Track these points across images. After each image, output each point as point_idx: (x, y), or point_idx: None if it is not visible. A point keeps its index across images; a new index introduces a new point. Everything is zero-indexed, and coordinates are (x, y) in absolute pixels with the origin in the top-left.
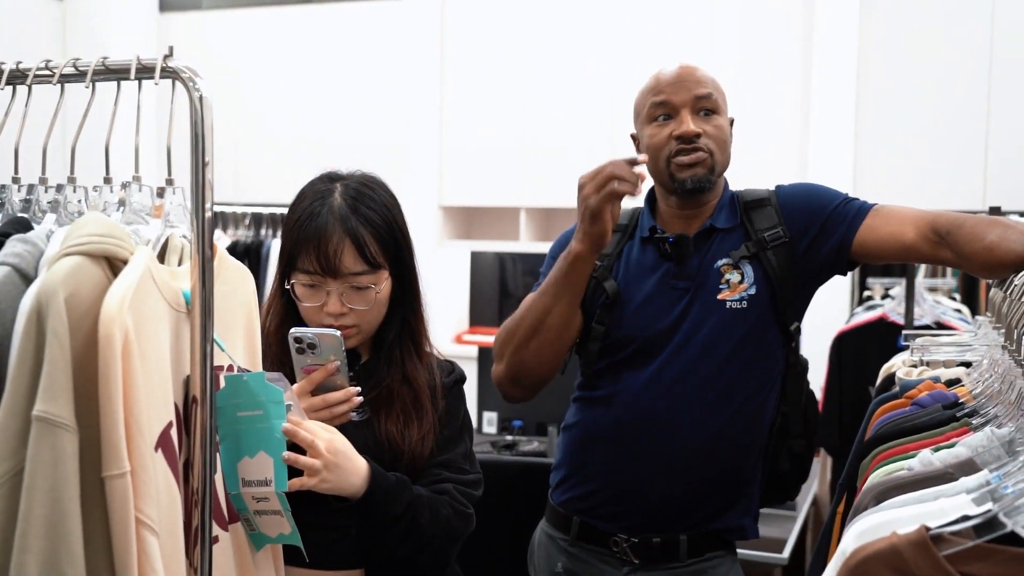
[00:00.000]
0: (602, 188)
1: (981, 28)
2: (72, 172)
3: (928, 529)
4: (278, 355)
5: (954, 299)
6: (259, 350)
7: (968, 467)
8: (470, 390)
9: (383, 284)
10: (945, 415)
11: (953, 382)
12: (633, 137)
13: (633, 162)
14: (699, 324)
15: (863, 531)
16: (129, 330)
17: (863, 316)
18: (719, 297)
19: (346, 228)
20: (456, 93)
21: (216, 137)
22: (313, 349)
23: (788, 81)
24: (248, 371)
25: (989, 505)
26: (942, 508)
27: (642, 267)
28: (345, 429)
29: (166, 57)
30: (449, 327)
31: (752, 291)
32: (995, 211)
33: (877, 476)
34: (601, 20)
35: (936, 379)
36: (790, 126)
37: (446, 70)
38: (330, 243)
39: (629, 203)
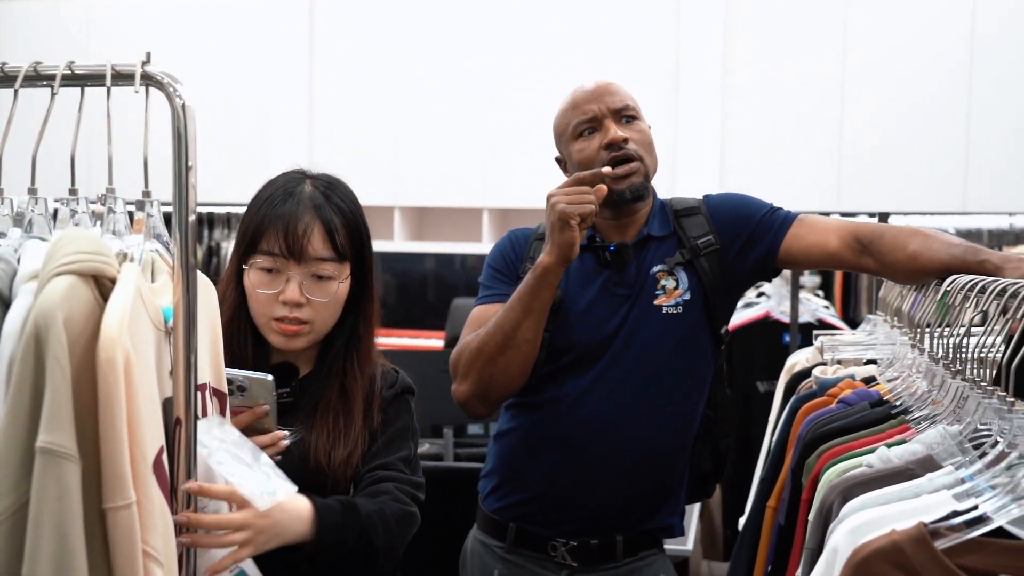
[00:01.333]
0: (571, 196)
1: (835, 39)
2: (33, 183)
3: (926, 525)
4: (228, 347)
5: (818, 295)
6: (223, 366)
7: (928, 464)
8: None
9: (344, 280)
10: (879, 412)
11: (869, 380)
12: (558, 160)
13: (598, 175)
14: (638, 329)
15: (854, 528)
16: (130, 353)
17: (746, 314)
18: (656, 303)
19: (318, 213)
20: (326, 90)
21: (56, 133)
22: (243, 391)
23: (657, 86)
24: (215, 389)
25: (974, 501)
26: (927, 505)
27: (582, 275)
28: None
29: (144, 63)
30: None
31: (687, 296)
32: (883, 217)
33: (833, 474)
34: (477, 17)
35: (852, 377)
36: (659, 129)
37: (315, 67)
38: (300, 223)
39: None
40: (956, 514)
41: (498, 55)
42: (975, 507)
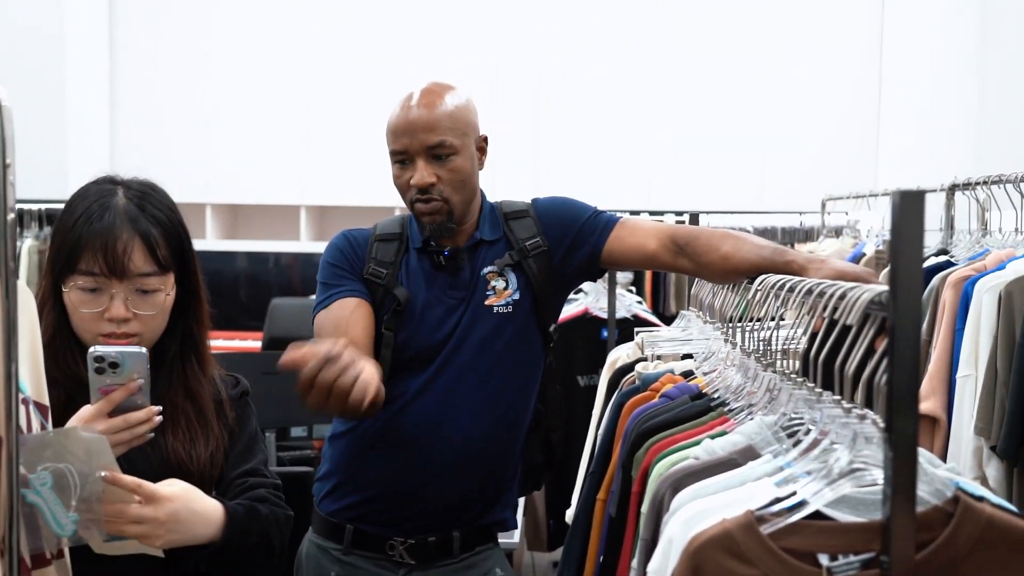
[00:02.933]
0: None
1: (644, 47)
2: None
3: (752, 512)
4: (50, 370)
5: (631, 292)
6: (44, 377)
7: (749, 453)
8: None
9: (170, 290)
10: (700, 405)
11: (687, 374)
12: None
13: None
14: (470, 329)
15: (687, 519)
16: None
17: (565, 310)
18: (487, 303)
19: (136, 227)
20: (129, 81)
21: None
22: (115, 368)
23: (475, 89)
24: (37, 403)
25: (793, 487)
26: (752, 493)
27: (420, 277)
28: (128, 451)
29: None
30: None
31: (516, 296)
32: (693, 219)
33: (663, 467)
34: (296, 12)
35: (671, 372)
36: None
37: (116, 56)
38: (119, 241)
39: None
40: (778, 500)
41: (316, 51)
42: (794, 493)
